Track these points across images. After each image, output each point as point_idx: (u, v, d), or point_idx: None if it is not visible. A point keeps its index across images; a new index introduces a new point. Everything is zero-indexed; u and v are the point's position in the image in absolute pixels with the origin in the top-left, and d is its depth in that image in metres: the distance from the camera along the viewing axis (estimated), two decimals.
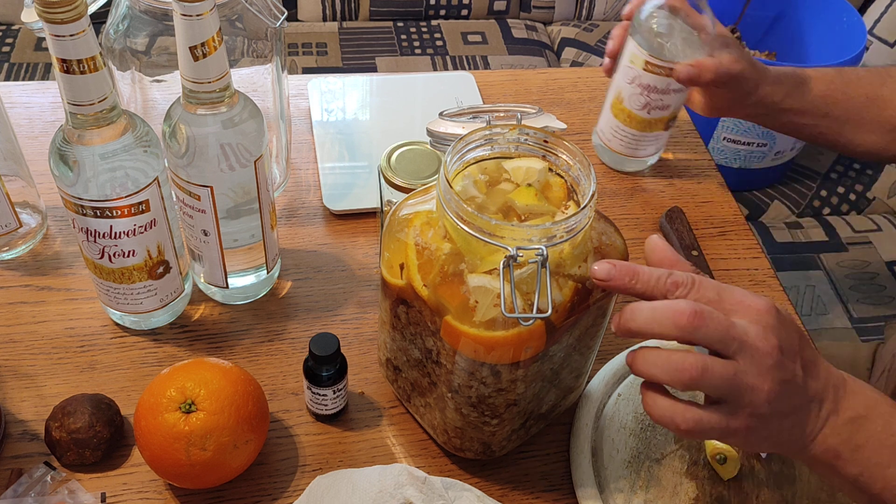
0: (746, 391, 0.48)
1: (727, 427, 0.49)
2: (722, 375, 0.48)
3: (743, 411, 0.49)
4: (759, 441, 0.51)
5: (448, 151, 0.53)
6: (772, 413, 0.49)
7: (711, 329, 0.48)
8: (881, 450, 0.51)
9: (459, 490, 0.59)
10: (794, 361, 0.50)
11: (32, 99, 0.93)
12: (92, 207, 0.59)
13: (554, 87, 1.04)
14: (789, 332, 0.50)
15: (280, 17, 0.69)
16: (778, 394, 0.49)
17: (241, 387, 0.59)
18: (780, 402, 0.49)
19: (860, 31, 1.47)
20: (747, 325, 0.49)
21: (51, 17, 0.50)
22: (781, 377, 0.49)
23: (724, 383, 0.48)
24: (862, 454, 0.51)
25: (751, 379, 0.48)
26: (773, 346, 0.49)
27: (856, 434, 0.51)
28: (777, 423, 0.50)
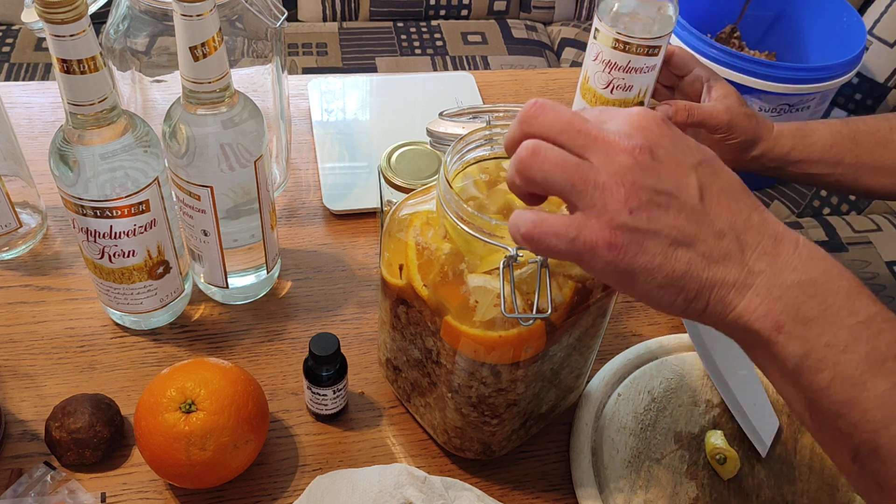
0: (596, 191, 0.39)
1: (578, 236, 0.39)
2: (558, 161, 0.40)
3: (598, 219, 0.39)
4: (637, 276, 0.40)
5: (448, 151, 0.53)
6: (643, 230, 0.39)
7: (550, 118, 0.41)
8: (836, 329, 0.39)
9: (459, 490, 0.59)
10: (681, 174, 0.40)
11: (32, 99, 0.93)
12: (92, 207, 0.59)
13: (554, 87, 1.04)
14: (678, 143, 0.41)
15: (280, 17, 0.69)
16: (642, 202, 0.39)
17: (241, 387, 0.59)
18: (654, 218, 0.39)
19: (860, 31, 1.46)
20: (611, 124, 0.41)
21: (51, 18, 0.50)
22: (650, 184, 0.39)
23: (560, 172, 0.40)
24: (810, 330, 0.39)
25: (602, 177, 0.39)
26: (636, 145, 0.40)
27: (804, 303, 0.39)
28: (659, 250, 0.39)
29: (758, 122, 0.85)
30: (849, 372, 0.39)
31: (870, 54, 1.67)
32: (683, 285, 0.40)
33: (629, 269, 0.40)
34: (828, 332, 0.39)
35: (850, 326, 0.39)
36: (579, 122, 0.41)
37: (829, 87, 1.41)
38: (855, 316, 0.40)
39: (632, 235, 0.39)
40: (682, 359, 0.72)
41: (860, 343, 0.39)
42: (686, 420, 0.67)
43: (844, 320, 0.39)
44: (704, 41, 1.39)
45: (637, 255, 0.39)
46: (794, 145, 0.84)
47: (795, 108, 1.45)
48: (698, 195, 0.40)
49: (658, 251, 0.39)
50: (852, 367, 0.39)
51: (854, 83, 1.70)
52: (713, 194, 0.41)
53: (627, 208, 0.39)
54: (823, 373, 0.39)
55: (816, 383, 0.40)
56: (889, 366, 0.39)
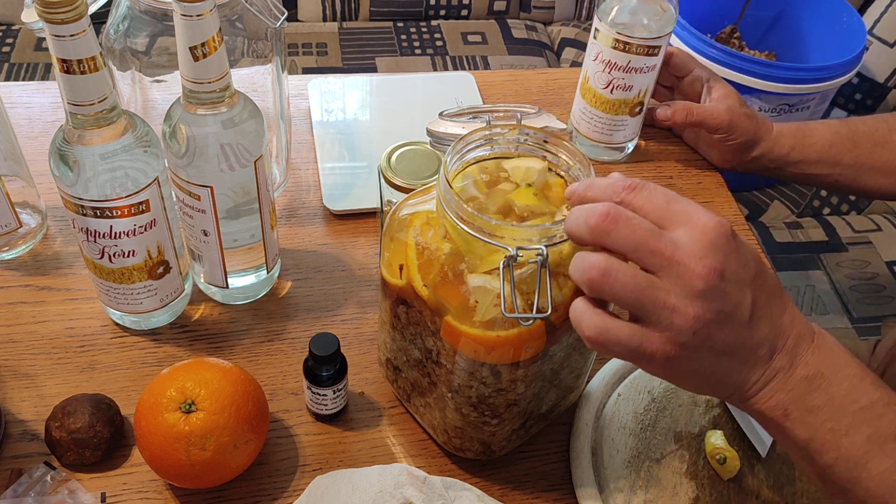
0: (664, 311, 0.42)
1: (640, 347, 0.43)
2: (628, 284, 0.42)
3: (661, 334, 0.43)
4: (683, 375, 0.45)
5: (448, 151, 0.53)
6: (699, 345, 0.43)
7: (623, 234, 0.43)
8: (839, 416, 0.44)
9: (459, 490, 0.59)
10: (741, 293, 0.44)
11: (32, 99, 0.93)
12: (92, 207, 0.59)
13: (554, 87, 1.04)
14: (741, 259, 0.44)
15: (280, 17, 0.69)
16: (708, 323, 0.42)
17: (241, 387, 0.59)
18: (712, 336, 0.43)
19: (860, 31, 1.47)
20: (685, 239, 0.43)
21: (51, 18, 0.50)
22: (717, 307, 0.43)
23: (630, 294, 0.42)
24: (815, 418, 0.44)
25: (673, 299, 0.42)
26: (709, 269, 0.42)
27: (810, 394, 0.44)
28: (707, 360, 0.44)
29: (758, 122, 0.85)
30: (851, 453, 0.44)
31: (870, 54, 1.67)
32: (716, 384, 0.46)
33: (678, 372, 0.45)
34: (831, 419, 0.44)
35: (852, 413, 0.44)
36: (653, 240, 0.43)
37: (829, 87, 1.41)
38: (857, 403, 0.44)
39: (690, 352, 0.44)
40: None
41: (862, 427, 0.44)
42: (686, 420, 0.67)
43: (847, 407, 0.44)
44: (704, 41, 1.39)
45: (689, 364, 0.44)
46: (794, 146, 0.84)
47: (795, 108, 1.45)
48: (750, 313, 0.44)
49: (706, 362, 0.44)
50: (854, 448, 0.44)
51: (854, 83, 1.70)
52: (760, 307, 0.45)
53: (692, 330, 0.43)
54: (828, 454, 0.44)
55: (823, 462, 0.45)
56: (890, 446, 0.43)
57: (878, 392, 0.45)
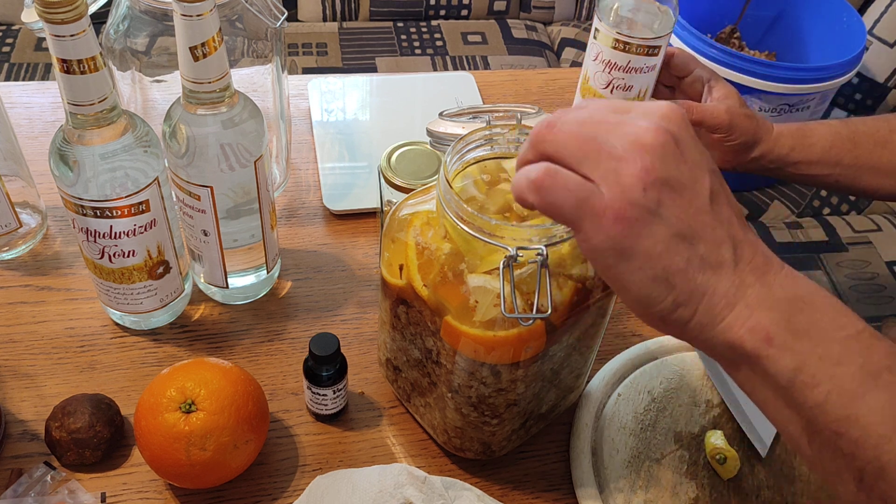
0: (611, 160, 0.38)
1: (588, 199, 0.38)
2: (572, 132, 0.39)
3: (609, 190, 0.38)
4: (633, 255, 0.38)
5: (448, 151, 0.53)
6: (652, 211, 0.38)
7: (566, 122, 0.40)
8: (828, 342, 0.38)
9: (459, 490, 0.59)
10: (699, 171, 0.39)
11: (32, 99, 0.93)
12: (92, 207, 0.59)
13: (554, 87, 1.04)
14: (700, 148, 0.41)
15: (280, 17, 0.69)
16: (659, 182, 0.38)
17: (241, 387, 0.59)
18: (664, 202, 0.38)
19: (860, 31, 1.47)
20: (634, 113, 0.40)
21: (51, 18, 0.50)
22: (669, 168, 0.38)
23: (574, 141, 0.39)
24: (803, 343, 0.38)
25: (619, 150, 0.38)
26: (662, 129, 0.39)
27: (796, 315, 0.39)
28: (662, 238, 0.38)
29: (758, 123, 0.85)
30: (845, 385, 0.38)
31: (870, 54, 1.67)
32: (676, 283, 0.39)
33: (629, 249, 0.38)
34: (820, 345, 0.38)
35: (840, 340, 0.39)
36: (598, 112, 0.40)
37: (829, 87, 1.41)
38: (844, 330, 0.39)
39: (641, 213, 0.38)
40: (682, 359, 0.72)
41: (853, 356, 0.38)
42: (686, 420, 0.67)
43: (834, 334, 0.39)
44: (704, 41, 1.39)
45: (641, 237, 0.38)
46: (794, 146, 0.84)
47: (795, 108, 1.45)
48: (709, 196, 0.39)
49: (661, 238, 0.38)
50: (848, 379, 0.38)
51: (854, 83, 1.70)
52: (721, 201, 0.40)
53: (642, 185, 0.38)
54: (819, 387, 0.38)
55: (812, 399, 0.38)
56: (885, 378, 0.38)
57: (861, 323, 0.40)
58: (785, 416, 0.40)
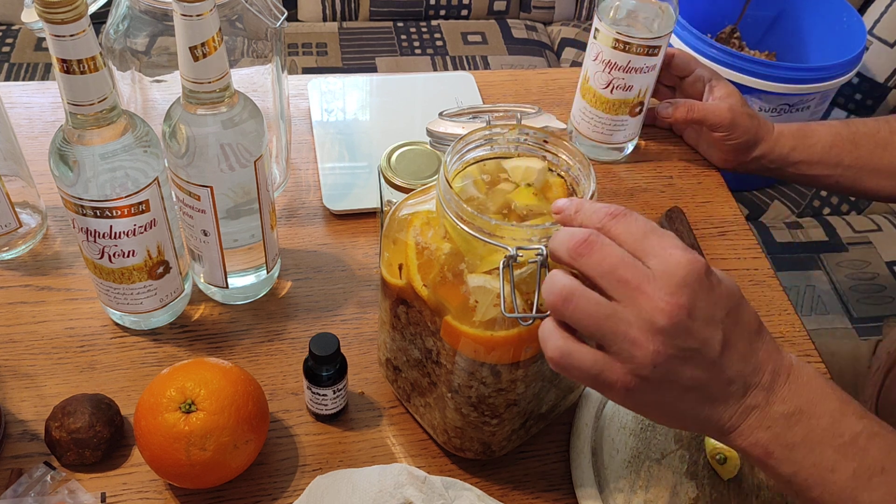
0: (625, 342, 0.42)
1: (600, 374, 0.43)
2: (589, 311, 0.43)
3: (622, 365, 0.43)
4: (647, 407, 0.45)
5: (448, 151, 0.53)
6: (661, 380, 0.43)
7: (596, 259, 0.43)
8: (822, 451, 0.44)
9: (459, 489, 0.59)
10: (710, 330, 0.43)
11: (32, 99, 0.93)
12: (92, 207, 0.59)
13: (554, 87, 1.04)
14: (714, 297, 0.44)
15: (280, 17, 0.69)
16: (670, 359, 0.42)
17: (241, 387, 0.59)
18: (674, 371, 0.43)
19: (860, 31, 1.47)
20: (655, 272, 0.43)
21: (51, 17, 0.50)
22: (680, 343, 0.42)
23: (590, 321, 0.43)
24: (797, 454, 0.44)
25: (634, 331, 0.42)
26: (675, 305, 0.42)
27: (789, 431, 0.44)
28: (669, 395, 0.44)
29: (759, 122, 0.85)
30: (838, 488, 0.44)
31: (870, 54, 1.67)
32: (685, 418, 0.45)
33: (640, 404, 0.45)
34: (814, 454, 0.44)
35: (835, 447, 0.44)
36: (623, 269, 0.43)
37: (829, 87, 1.41)
38: (840, 437, 0.44)
39: (651, 385, 0.43)
40: None
41: (847, 462, 0.44)
42: None
43: (830, 441, 0.44)
44: (704, 41, 1.39)
45: (651, 398, 0.44)
46: (795, 146, 0.84)
47: (795, 108, 1.45)
48: (720, 349, 0.43)
49: (671, 396, 0.44)
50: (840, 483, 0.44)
51: (854, 83, 1.70)
52: (732, 345, 0.44)
53: (652, 364, 0.42)
54: (814, 490, 0.44)
55: (810, 497, 0.45)
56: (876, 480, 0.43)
57: (860, 423, 0.45)
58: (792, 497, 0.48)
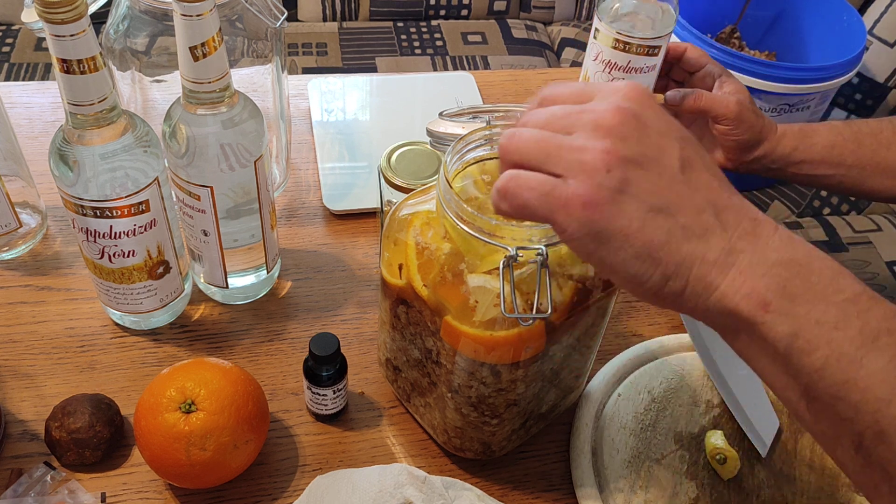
0: (572, 153, 0.38)
1: (553, 190, 0.38)
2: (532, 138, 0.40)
3: (574, 178, 0.38)
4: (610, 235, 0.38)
5: (448, 151, 0.53)
6: (620, 189, 0.37)
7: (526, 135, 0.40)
8: (825, 306, 0.38)
9: (459, 489, 0.59)
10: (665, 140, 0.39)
11: (32, 99, 0.93)
12: (92, 207, 0.59)
13: None
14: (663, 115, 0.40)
15: (280, 17, 0.69)
16: (625, 161, 0.38)
17: (241, 387, 0.59)
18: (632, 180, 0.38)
19: (860, 31, 1.47)
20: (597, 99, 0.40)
21: (51, 17, 0.50)
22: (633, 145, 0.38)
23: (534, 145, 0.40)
24: (799, 307, 0.37)
25: (580, 140, 0.38)
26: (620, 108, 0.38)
27: (791, 279, 0.38)
28: (637, 214, 0.38)
29: (764, 121, 0.85)
30: (844, 349, 0.37)
31: (870, 54, 1.67)
32: (661, 257, 0.38)
33: (605, 231, 0.38)
34: (817, 309, 0.37)
35: (838, 303, 0.38)
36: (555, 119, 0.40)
37: (829, 87, 1.41)
38: (842, 293, 0.38)
39: (608, 194, 0.38)
40: (682, 359, 0.72)
41: (851, 319, 0.37)
42: (686, 420, 0.67)
43: (832, 297, 0.38)
44: (704, 41, 1.39)
45: (614, 217, 0.38)
46: (797, 146, 0.84)
47: (795, 108, 1.45)
48: (679, 164, 0.39)
49: (636, 215, 0.38)
50: (847, 343, 0.37)
51: (854, 83, 1.70)
52: (695, 168, 0.39)
53: (605, 167, 0.37)
54: (817, 352, 0.37)
55: (810, 364, 0.37)
56: (884, 340, 0.37)
57: (859, 285, 0.39)
58: (783, 382, 0.39)
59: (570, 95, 0.42)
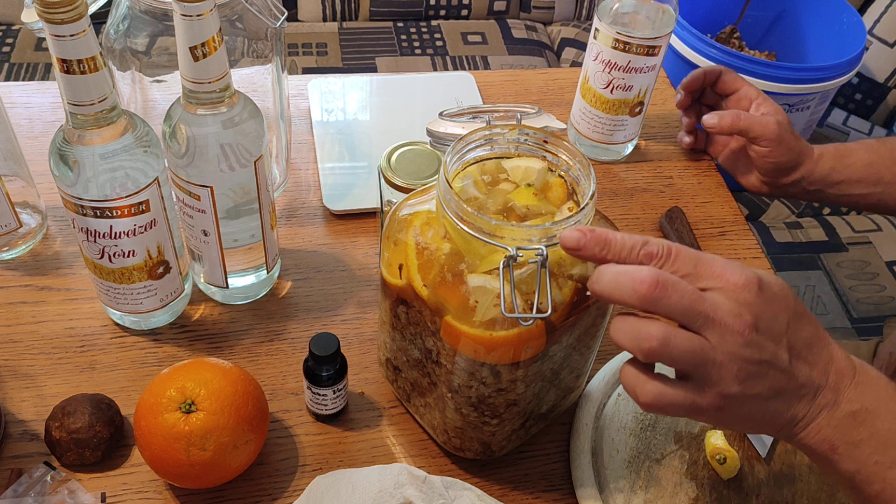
0: (713, 368, 0.46)
1: (693, 404, 0.47)
2: (685, 349, 0.45)
3: (711, 389, 0.46)
4: (733, 421, 0.49)
5: (448, 151, 0.53)
6: (744, 394, 0.47)
7: (674, 301, 0.45)
8: (885, 449, 0.48)
9: (459, 489, 0.59)
10: (777, 343, 0.47)
11: (32, 99, 0.93)
12: (92, 207, 0.59)
13: (554, 87, 1.04)
14: (774, 310, 0.47)
15: (280, 17, 0.69)
16: (749, 374, 0.46)
17: (241, 387, 0.59)
18: (753, 384, 0.47)
19: (860, 31, 1.47)
20: (720, 299, 0.46)
21: (51, 18, 0.50)
22: (755, 357, 0.46)
23: (687, 357, 0.46)
24: (860, 451, 0.48)
25: (718, 356, 0.46)
26: (745, 324, 0.46)
27: (855, 429, 0.48)
28: (754, 406, 0.47)
29: (802, 144, 0.83)
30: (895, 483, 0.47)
31: (870, 54, 1.67)
32: (765, 424, 0.49)
33: (729, 418, 0.48)
34: (877, 452, 0.47)
35: None
36: (699, 304, 0.45)
37: (829, 87, 1.41)
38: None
39: (736, 400, 0.47)
40: None
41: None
42: (686, 420, 0.67)
43: (892, 441, 0.47)
44: (704, 41, 1.39)
45: (737, 412, 0.47)
46: (834, 166, 0.82)
47: (795, 108, 1.45)
48: (788, 359, 0.47)
49: (754, 408, 0.47)
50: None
51: (854, 83, 1.70)
52: (798, 350, 0.48)
53: (738, 382, 0.46)
54: (874, 485, 0.48)
55: (868, 492, 0.48)
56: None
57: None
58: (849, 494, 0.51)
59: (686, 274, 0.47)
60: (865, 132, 1.69)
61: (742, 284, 0.46)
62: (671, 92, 1.06)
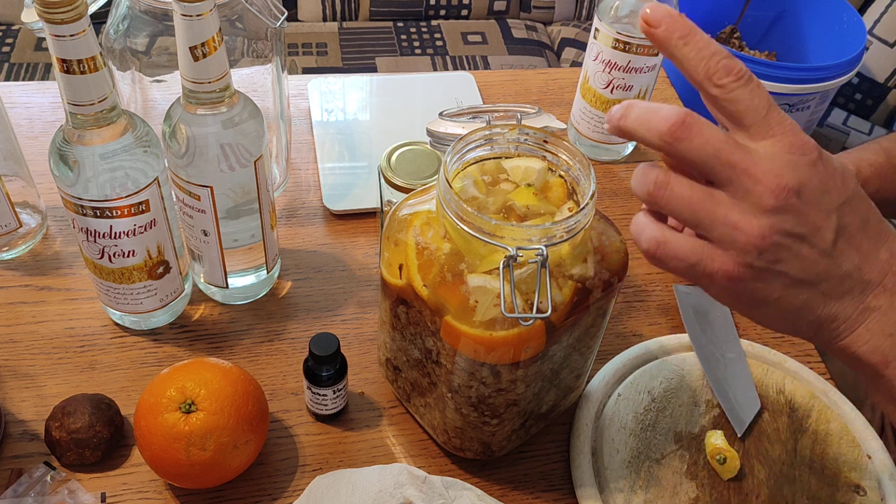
0: (725, 227, 0.39)
1: (699, 263, 0.40)
2: (684, 195, 0.40)
3: (724, 252, 0.40)
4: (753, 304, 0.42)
5: (448, 151, 0.53)
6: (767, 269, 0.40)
7: (696, 146, 0.39)
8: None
9: (460, 489, 0.59)
10: (823, 217, 0.40)
11: (32, 99, 0.93)
12: (92, 207, 0.59)
13: (554, 87, 1.04)
14: (827, 184, 0.40)
15: (280, 17, 0.69)
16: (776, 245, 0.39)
17: (241, 387, 0.59)
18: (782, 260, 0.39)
19: (860, 31, 1.47)
20: (766, 152, 0.39)
21: (51, 17, 0.50)
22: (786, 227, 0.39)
23: (685, 207, 0.40)
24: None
25: (735, 215, 0.39)
26: (783, 186, 0.38)
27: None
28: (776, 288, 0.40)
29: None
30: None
31: (870, 54, 1.67)
32: (795, 318, 0.42)
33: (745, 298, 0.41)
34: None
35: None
36: (729, 150, 0.39)
37: (829, 87, 1.41)
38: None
39: (755, 272, 0.40)
40: (682, 359, 0.72)
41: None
42: (686, 420, 0.67)
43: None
44: None
45: (756, 290, 0.40)
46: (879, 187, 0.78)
47: (795, 108, 1.45)
48: (833, 238, 0.40)
49: (778, 288, 0.40)
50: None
51: (854, 83, 1.70)
52: (849, 235, 0.40)
53: (757, 250, 0.39)
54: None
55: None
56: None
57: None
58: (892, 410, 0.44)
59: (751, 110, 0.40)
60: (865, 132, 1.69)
61: (799, 145, 0.39)
62: (671, 92, 1.06)
